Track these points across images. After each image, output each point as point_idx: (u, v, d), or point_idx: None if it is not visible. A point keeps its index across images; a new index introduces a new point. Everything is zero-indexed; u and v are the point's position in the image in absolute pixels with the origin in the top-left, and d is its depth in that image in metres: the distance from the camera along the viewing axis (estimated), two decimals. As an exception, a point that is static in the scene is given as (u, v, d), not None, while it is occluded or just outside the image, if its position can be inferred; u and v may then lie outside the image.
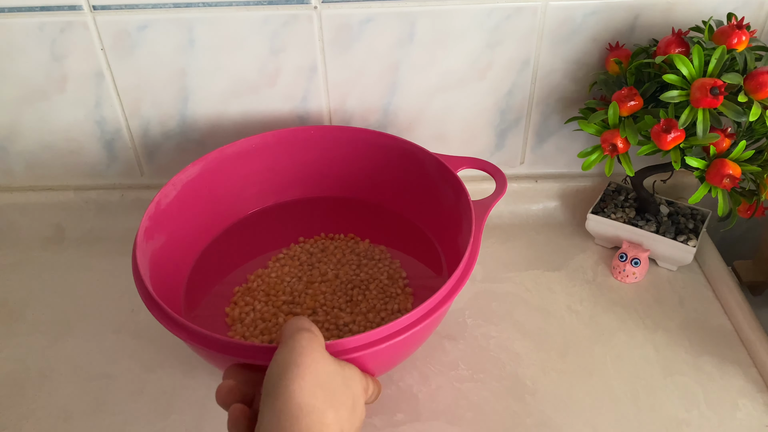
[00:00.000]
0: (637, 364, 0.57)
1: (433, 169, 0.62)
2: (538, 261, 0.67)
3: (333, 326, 0.58)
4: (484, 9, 0.61)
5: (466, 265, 0.50)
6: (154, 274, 0.54)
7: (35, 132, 0.69)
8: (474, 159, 0.61)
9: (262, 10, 0.60)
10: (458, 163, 0.61)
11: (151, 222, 0.56)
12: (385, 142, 0.65)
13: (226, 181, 0.65)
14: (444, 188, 0.61)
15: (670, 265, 0.65)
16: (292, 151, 0.67)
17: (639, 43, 0.63)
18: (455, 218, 0.59)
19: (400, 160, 0.65)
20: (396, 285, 0.62)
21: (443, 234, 0.64)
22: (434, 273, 0.63)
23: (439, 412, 0.53)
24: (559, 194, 0.73)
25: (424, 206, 0.65)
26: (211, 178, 0.63)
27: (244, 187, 0.67)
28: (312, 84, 0.65)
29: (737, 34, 0.54)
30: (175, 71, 0.64)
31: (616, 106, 0.57)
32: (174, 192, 0.60)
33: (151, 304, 0.49)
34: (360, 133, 0.65)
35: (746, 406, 0.53)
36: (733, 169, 0.53)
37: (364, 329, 0.57)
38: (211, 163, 0.62)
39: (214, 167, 0.63)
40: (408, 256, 0.65)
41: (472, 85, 0.66)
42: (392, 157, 0.65)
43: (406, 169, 0.65)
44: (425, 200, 0.65)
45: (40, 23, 0.61)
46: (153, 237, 0.56)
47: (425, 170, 0.63)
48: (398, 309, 0.59)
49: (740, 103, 0.52)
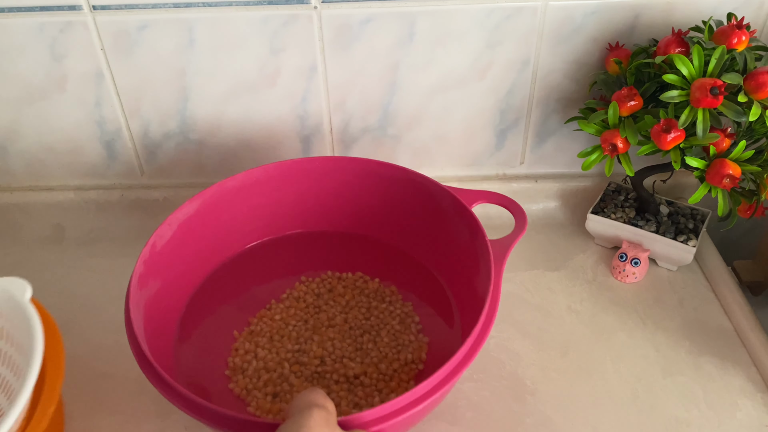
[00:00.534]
0: (637, 364, 0.57)
1: (447, 204, 0.58)
2: (538, 261, 0.67)
3: (342, 378, 0.54)
4: (484, 9, 0.61)
5: (486, 317, 0.46)
6: (148, 325, 0.50)
7: (35, 132, 0.69)
8: (490, 193, 0.57)
9: (262, 10, 0.60)
10: (473, 198, 0.57)
11: (146, 267, 0.52)
12: (395, 175, 0.61)
13: (225, 216, 0.61)
14: (458, 225, 0.57)
15: (670, 265, 0.65)
16: (296, 184, 0.63)
17: (639, 43, 0.63)
18: (471, 259, 0.55)
19: (411, 193, 0.61)
20: (409, 331, 0.57)
21: (457, 276, 0.59)
22: (447, 319, 0.59)
23: (439, 412, 0.53)
24: (559, 194, 0.73)
25: (436, 244, 0.61)
26: (210, 214, 0.59)
27: (244, 222, 0.63)
28: (312, 84, 0.65)
29: (737, 34, 0.54)
30: (175, 71, 0.64)
31: (616, 106, 0.57)
32: (170, 232, 0.56)
33: (147, 368, 0.45)
34: (368, 164, 0.62)
35: (746, 406, 0.53)
36: (733, 169, 0.53)
37: (376, 382, 0.53)
38: (209, 198, 0.59)
39: (213, 203, 0.59)
40: (420, 299, 0.60)
41: (472, 85, 0.66)
42: (403, 191, 0.61)
43: (418, 203, 0.61)
44: (438, 238, 0.61)
45: (40, 23, 0.61)
46: (147, 284, 0.52)
47: (438, 205, 0.59)
48: (412, 359, 0.55)
49: (740, 103, 0.52)
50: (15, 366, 0.48)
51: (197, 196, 0.58)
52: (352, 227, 0.66)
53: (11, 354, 0.48)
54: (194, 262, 0.60)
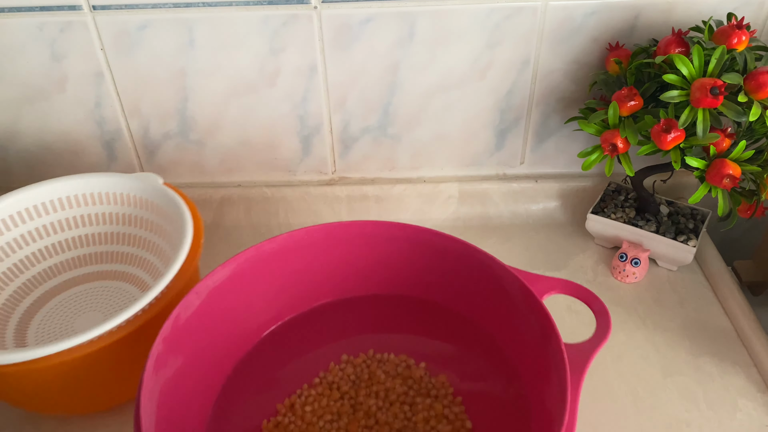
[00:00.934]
0: (637, 364, 0.57)
1: (514, 291, 0.50)
2: (538, 261, 0.67)
3: None
4: (484, 9, 0.61)
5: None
6: (162, 414, 0.43)
7: (35, 132, 0.69)
8: (566, 283, 0.49)
9: (261, 10, 0.60)
10: (546, 287, 0.48)
11: (166, 345, 0.45)
12: (452, 247, 0.54)
13: (259, 284, 0.54)
14: (526, 319, 0.49)
15: (670, 265, 0.65)
16: (342, 248, 0.56)
17: (639, 43, 0.63)
18: (540, 364, 0.47)
19: (471, 270, 0.53)
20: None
21: (520, 378, 0.51)
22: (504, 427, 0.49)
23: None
24: (559, 194, 0.73)
25: (497, 335, 0.54)
26: (243, 281, 0.52)
27: (280, 291, 0.56)
28: (312, 84, 0.65)
29: (737, 34, 0.54)
30: (175, 71, 0.64)
31: (616, 106, 0.57)
32: (197, 302, 0.48)
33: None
34: (425, 234, 0.54)
35: (746, 407, 0.53)
36: (733, 169, 0.53)
37: None
38: (244, 263, 0.51)
39: (247, 269, 0.52)
40: (473, 396, 0.51)
41: (472, 84, 0.66)
42: (462, 266, 0.54)
43: (479, 283, 0.53)
44: (499, 327, 0.53)
45: (40, 23, 0.61)
46: (166, 364, 0.45)
47: (502, 289, 0.51)
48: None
49: (740, 103, 0.52)
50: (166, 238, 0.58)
51: (230, 261, 0.51)
52: (399, 296, 0.58)
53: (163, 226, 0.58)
54: (222, 340, 0.52)
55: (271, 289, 0.55)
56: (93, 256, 0.62)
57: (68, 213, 0.60)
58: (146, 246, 0.60)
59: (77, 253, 0.62)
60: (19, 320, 0.57)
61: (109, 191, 0.60)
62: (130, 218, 0.61)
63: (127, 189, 0.60)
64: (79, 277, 0.61)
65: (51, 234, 0.60)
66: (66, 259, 0.61)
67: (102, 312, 0.59)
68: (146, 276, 0.60)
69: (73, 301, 0.60)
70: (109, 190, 0.60)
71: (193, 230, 0.52)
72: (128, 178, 0.59)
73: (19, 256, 0.59)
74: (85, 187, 0.60)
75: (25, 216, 0.59)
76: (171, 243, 0.57)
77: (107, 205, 0.61)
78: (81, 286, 0.61)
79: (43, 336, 0.57)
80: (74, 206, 0.60)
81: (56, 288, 0.60)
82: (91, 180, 0.60)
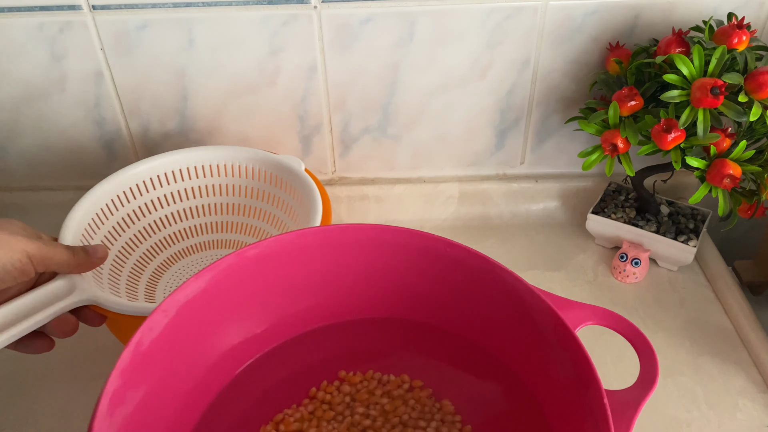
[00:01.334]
0: (637, 364, 0.56)
1: (543, 320, 0.42)
2: (539, 261, 0.67)
3: None
4: (484, 9, 0.61)
5: None
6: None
7: (35, 132, 0.69)
8: (604, 312, 0.42)
9: (261, 9, 0.60)
10: (581, 317, 0.41)
11: (125, 378, 0.37)
12: (476, 264, 0.45)
13: (240, 298, 0.45)
14: (557, 355, 0.41)
15: (670, 265, 0.65)
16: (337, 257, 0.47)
17: (639, 43, 0.63)
18: (574, 411, 0.39)
19: (495, 292, 0.45)
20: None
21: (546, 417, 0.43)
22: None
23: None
24: (560, 194, 0.73)
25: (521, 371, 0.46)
26: (220, 295, 0.43)
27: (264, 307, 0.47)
28: (312, 84, 0.65)
29: (737, 34, 0.54)
30: (175, 71, 0.64)
31: (617, 105, 0.57)
32: (164, 321, 0.40)
33: None
34: (438, 243, 0.46)
35: (747, 407, 0.53)
36: (733, 169, 0.53)
37: None
38: (222, 273, 0.43)
39: (225, 279, 0.43)
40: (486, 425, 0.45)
41: (472, 84, 0.66)
42: (483, 286, 0.46)
43: (503, 308, 0.45)
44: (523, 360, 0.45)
45: (40, 23, 0.61)
46: (125, 400, 0.37)
47: (529, 315, 0.43)
48: None
49: (741, 103, 0.52)
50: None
51: (205, 270, 0.42)
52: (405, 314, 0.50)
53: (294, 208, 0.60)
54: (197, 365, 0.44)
55: (254, 304, 0.46)
56: (219, 224, 0.65)
57: (206, 181, 0.64)
58: (273, 222, 0.63)
59: (205, 220, 0.65)
60: (148, 281, 0.60)
61: (248, 165, 0.62)
62: (262, 193, 0.63)
63: (267, 167, 0.62)
64: (202, 243, 0.65)
65: (184, 200, 0.64)
66: (192, 226, 0.65)
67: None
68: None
69: (196, 267, 0.63)
70: (248, 164, 0.62)
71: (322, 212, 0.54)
72: (272, 156, 0.61)
73: (153, 217, 0.62)
74: (226, 158, 0.63)
75: (163, 180, 0.62)
76: (297, 223, 0.60)
77: (242, 178, 0.63)
78: (204, 252, 0.64)
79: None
80: (214, 175, 0.63)
81: (181, 252, 0.64)
82: (234, 152, 0.62)
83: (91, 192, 0.57)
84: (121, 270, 0.58)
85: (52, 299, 0.45)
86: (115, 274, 0.57)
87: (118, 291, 0.55)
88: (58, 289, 0.46)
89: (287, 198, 0.61)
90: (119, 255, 0.59)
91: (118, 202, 0.59)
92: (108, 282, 0.55)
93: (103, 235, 0.58)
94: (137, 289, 0.58)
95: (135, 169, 0.60)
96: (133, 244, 0.61)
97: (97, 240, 0.57)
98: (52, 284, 0.46)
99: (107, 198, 0.58)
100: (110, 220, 0.59)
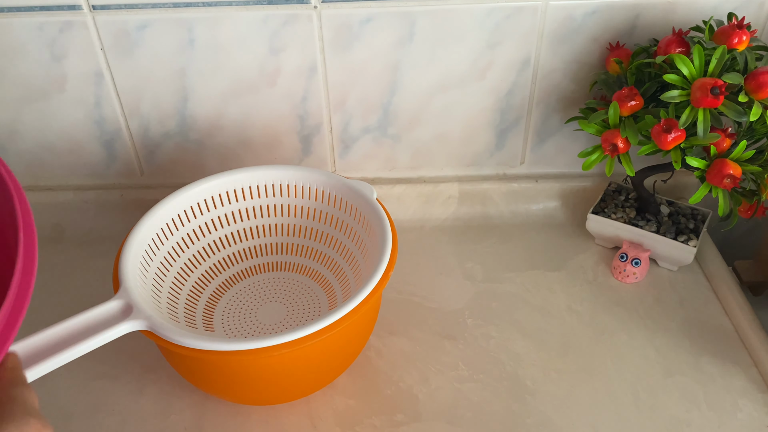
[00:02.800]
0: (637, 365, 0.57)
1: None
2: (539, 261, 0.67)
3: None
4: (484, 9, 0.61)
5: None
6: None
7: (35, 132, 0.69)
8: None
9: (261, 9, 0.60)
10: None
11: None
12: None
13: None
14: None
15: (670, 265, 0.65)
16: None
17: (639, 43, 0.63)
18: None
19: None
20: None
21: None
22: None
23: (439, 412, 0.53)
24: (560, 194, 0.73)
25: None
26: None
27: None
28: (312, 84, 0.65)
29: (738, 34, 0.54)
30: (175, 71, 0.64)
31: (617, 105, 0.57)
32: None
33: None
34: None
35: (747, 407, 0.53)
36: (733, 169, 0.53)
37: None
38: None
39: None
40: None
41: (472, 84, 0.66)
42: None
43: None
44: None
45: (40, 23, 0.61)
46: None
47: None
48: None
49: (741, 103, 0.52)
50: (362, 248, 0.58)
51: None
52: None
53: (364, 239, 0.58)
54: None
55: None
56: (281, 246, 0.64)
57: (270, 201, 0.62)
58: (339, 249, 0.61)
59: (266, 241, 0.63)
60: (205, 306, 0.59)
61: (318, 187, 0.60)
62: (330, 217, 0.61)
63: (338, 190, 0.60)
64: (262, 264, 0.63)
65: (244, 219, 0.62)
66: (252, 246, 0.63)
67: (283, 303, 0.60)
68: (326, 271, 0.62)
69: (252, 291, 0.61)
70: (318, 186, 0.60)
71: (392, 247, 0.52)
72: (343, 180, 0.59)
73: (213, 237, 0.61)
74: (296, 178, 0.61)
75: (225, 198, 0.60)
76: (363, 251, 0.58)
77: (310, 200, 0.61)
78: (265, 274, 0.63)
79: (229, 324, 0.58)
80: (279, 195, 0.62)
81: (240, 274, 0.62)
82: (304, 173, 0.60)
83: (151, 213, 0.56)
84: (179, 292, 0.57)
85: (105, 323, 0.44)
86: (174, 296, 0.56)
87: (176, 315, 0.54)
88: (113, 310, 0.45)
89: (356, 226, 0.59)
90: (179, 275, 0.58)
91: (178, 221, 0.58)
92: (167, 305, 0.54)
93: (163, 256, 0.56)
94: (195, 312, 0.57)
95: (197, 187, 0.59)
96: (192, 266, 0.59)
97: (156, 261, 0.55)
98: (107, 305, 0.44)
99: (168, 217, 0.57)
100: (170, 240, 0.57)
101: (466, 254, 0.68)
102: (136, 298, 0.47)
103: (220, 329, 0.57)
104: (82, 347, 0.42)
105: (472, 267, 0.67)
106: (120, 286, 0.48)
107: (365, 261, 0.56)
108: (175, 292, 0.57)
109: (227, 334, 0.57)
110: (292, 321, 0.58)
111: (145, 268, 0.53)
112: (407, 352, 0.58)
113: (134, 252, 0.52)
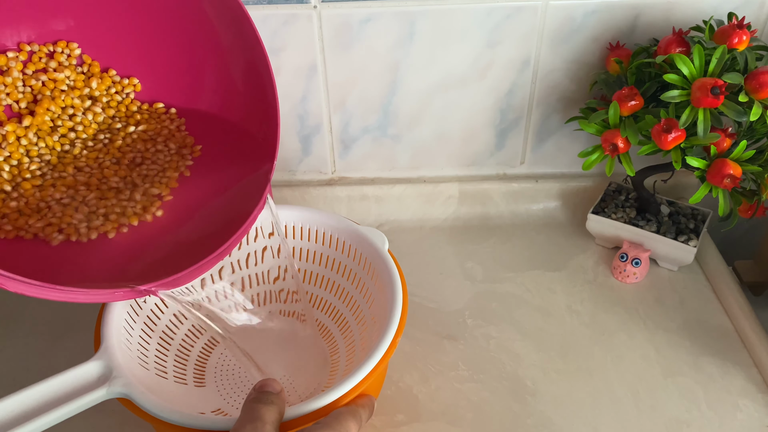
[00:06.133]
0: (637, 365, 0.57)
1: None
2: (539, 261, 0.67)
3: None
4: (484, 9, 0.61)
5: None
6: None
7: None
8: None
9: (261, 9, 0.60)
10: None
11: None
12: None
13: None
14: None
15: (670, 265, 0.65)
16: None
17: (639, 43, 0.63)
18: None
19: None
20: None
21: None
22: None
23: (439, 412, 0.53)
24: (560, 194, 0.73)
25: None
26: None
27: None
28: (312, 84, 0.65)
29: (738, 34, 0.54)
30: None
31: (617, 105, 0.57)
32: None
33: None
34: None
35: (747, 407, 0.53)
36: (733, 169, 0.53)
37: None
38: None
39: None
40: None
41: (472, 84, 0.66)
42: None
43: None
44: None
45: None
46: None
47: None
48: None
49: (741, 103, 0.52)
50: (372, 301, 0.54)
51: None
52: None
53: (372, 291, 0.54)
54: None
55: None
56: (282, 292, 0.59)
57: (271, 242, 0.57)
58: (345, 298, 0.57)
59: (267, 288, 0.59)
60: (198, 357, 0.55)
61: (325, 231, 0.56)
62: (337, 264, 0.57)
63: (347, 236, 0.55)
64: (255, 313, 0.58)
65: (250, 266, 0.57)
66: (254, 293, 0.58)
67: (281, 354, 0.55)
68: (328, 321, 0.58)
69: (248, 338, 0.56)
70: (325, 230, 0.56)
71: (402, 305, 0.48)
72: (354, 226, 0.55)
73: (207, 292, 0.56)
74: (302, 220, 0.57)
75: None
76: (369, 302, 0.54)
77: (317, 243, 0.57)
78: (257, 323, 0.58)
79: (222, 379, 0.54)
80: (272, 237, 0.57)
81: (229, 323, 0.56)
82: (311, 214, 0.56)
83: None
84: (170, 342, 0.52)
85: (81, 388, 0.40)
86: (164, 347, 0.52)
87: (165, 369, 0.50)
88: (89, 374, 0.40)
89: (363, 275, 0.55)
90: (170, 324, 0.53)
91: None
92: (154, 359, 0.49)
93: (150, 309, 0.52)
94: (186, 365, 0.53)
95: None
96: (182, 316, 0.54)
97: (143, 313, 0.50)
98: (82, 367, 0.40)
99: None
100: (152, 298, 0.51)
101: (466, 254, 0.68)
102: (118, 360, 0.42)
103: (212, 384, 0.53)
104: (50, 417, 0.37)
105: (472, 267, 0.67)
106: (101, 344, 0.43)
107: (371, 312, 0.53)
108: (166, 342, 0.52)
109: (219, 392, 0.53)
110: (291, 376, 0.54)
111: (132, 318, 0.49)
112: (407, 352, 0.58)
113: (119, 307, 0.48)
